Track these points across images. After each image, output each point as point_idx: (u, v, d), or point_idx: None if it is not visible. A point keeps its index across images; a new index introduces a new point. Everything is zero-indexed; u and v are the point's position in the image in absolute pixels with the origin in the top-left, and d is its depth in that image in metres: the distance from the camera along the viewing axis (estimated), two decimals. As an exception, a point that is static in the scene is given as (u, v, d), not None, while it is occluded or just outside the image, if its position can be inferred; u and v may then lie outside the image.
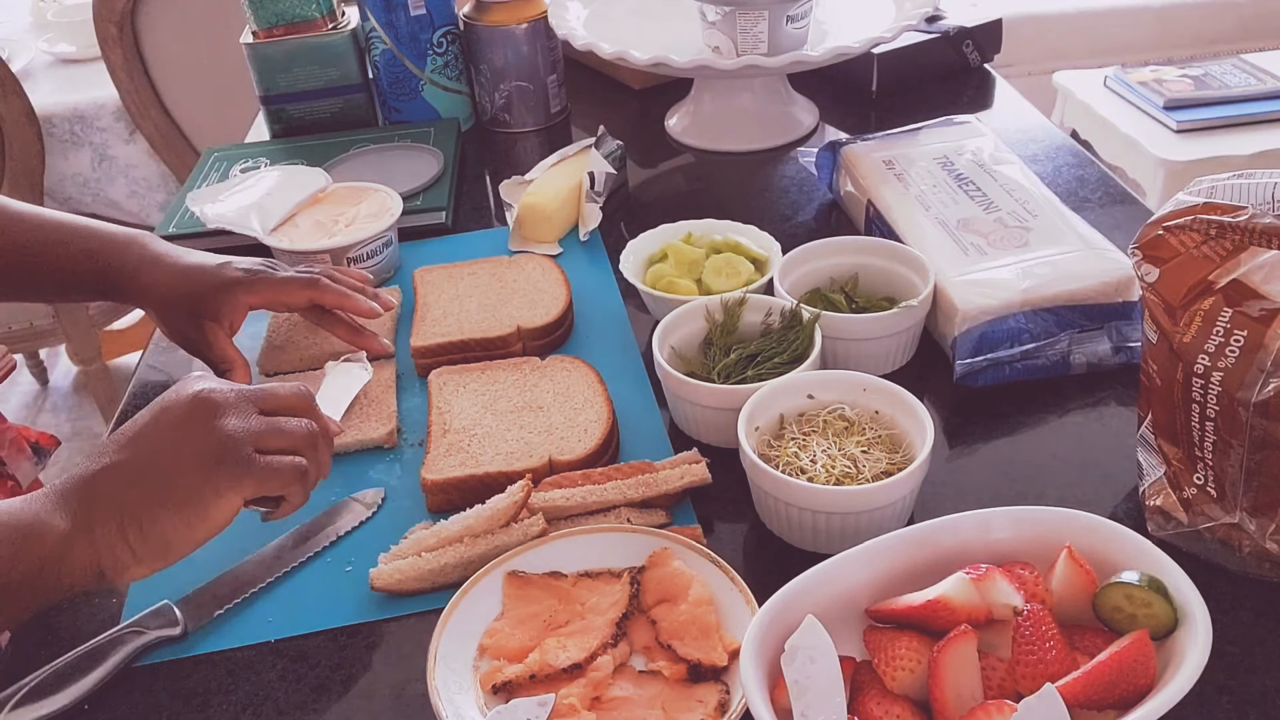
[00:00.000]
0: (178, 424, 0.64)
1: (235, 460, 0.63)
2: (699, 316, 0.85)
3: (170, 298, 0.86)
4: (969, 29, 1.34)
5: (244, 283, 0.85)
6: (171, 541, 0.62)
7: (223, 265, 0.87)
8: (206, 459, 0.63)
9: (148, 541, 0.61)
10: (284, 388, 0.69)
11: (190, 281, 0.86)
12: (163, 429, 0.64)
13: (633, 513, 0.73)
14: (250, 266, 0.87)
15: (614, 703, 0.62)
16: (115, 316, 2.35)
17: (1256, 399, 0.60)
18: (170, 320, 0.87)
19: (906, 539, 0.61)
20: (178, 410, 0.64)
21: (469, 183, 1.23)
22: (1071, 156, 1.16)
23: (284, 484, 0.65)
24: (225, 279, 0.85)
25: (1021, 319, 0.82)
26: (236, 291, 0.85)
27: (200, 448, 0.63)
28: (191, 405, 0.64)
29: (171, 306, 0.86)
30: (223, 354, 0.86)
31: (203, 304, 0.85)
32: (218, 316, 0.85)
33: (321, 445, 0.69)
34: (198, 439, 0.63)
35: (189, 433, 0.63)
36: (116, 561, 0.61)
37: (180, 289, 0.86)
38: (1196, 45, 2.67)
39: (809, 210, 1.11)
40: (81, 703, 0.65)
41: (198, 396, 0.65)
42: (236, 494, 0.64)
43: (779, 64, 1.09)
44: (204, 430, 0.64)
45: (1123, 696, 0.52)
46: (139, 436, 0.64)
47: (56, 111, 2.09)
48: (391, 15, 1.24)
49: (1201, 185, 0.63)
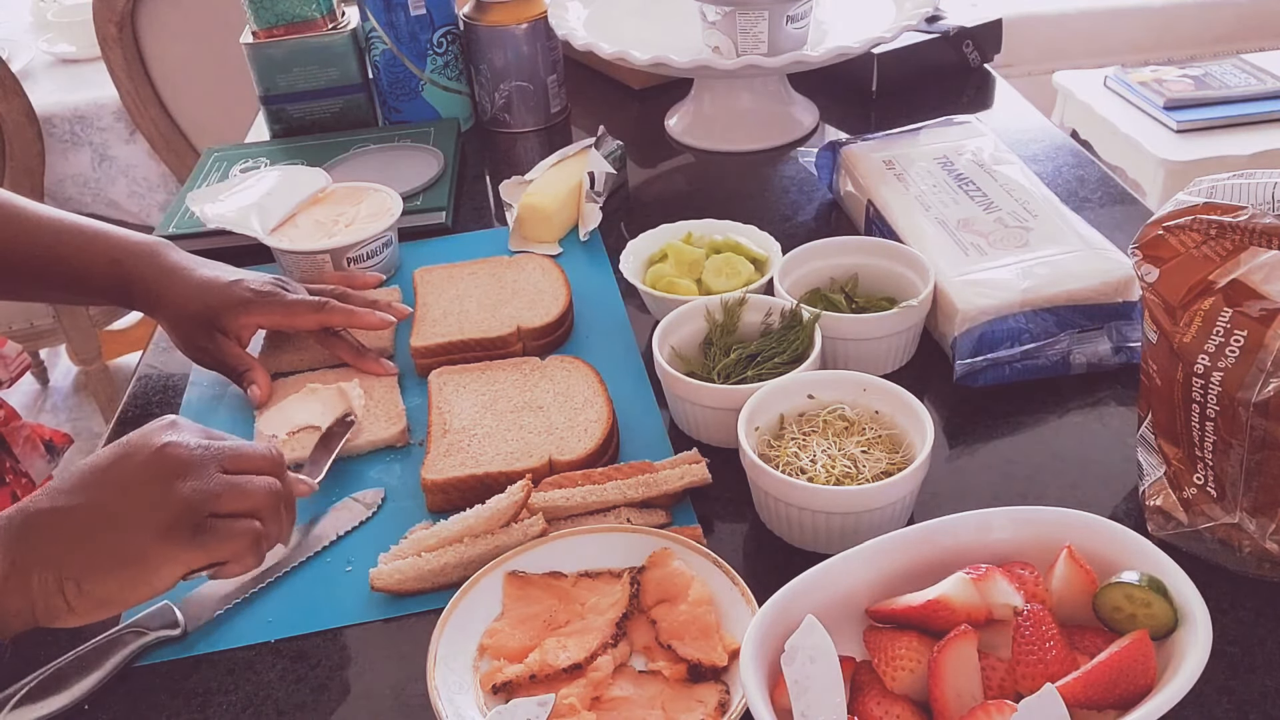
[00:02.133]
0: (136, 478, 0.61)
1: (188, 527, 0.61)
2: (699, 316, 0.85)
3: (183, 314, 0.87)
4: (969, 29, 1.34)
5: (253, 304, 0.86)
6: (109, 600, 0.61)
7: (234, 283, 0.87)
8: (159, 522, 0.60)
9: (84, 598, 0.60)
10: (255, 448, 0.66)
11: (202, 299, 0.86)
12: (120, 480, 0.62)
13: (633, 513, 0.73)
14: (260, 287, 0.87)
15: (614, 703, 0.62)
16: (115, 316, 2.35)
17: (1256, 399, 0.60)
18: (183, 333, 0.88)
19: (906, 539, 0.61)
20: (139, 462, 0.62)
21: (469, 183, 1.23)
22: (1071, 156, 1.16)
23: (235, 551, 0.63)
24: (236, 299, 0.86)
25: (1021, 319, 0.82)
26: (247, 311, 0.86)
27: (154, 508, 0.61)
28: (154, 460, 0.62)
29: (184, 321, 0.87)
30: (238, 360, 0.87)
31: (214, 320, 0.86)
32: (228, 333, 0.87)
33: (283, 509, 0.66)
34: (153, 498, 0.61)
35: (145, 490, 0.61)
36: (50, 610, 0.60)
37: (193, 306, 0.86)
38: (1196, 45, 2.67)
39: (809, 210, 1.11)
40: (81, 703, 0.65)
41: (163, 451, 0.62)
42: (184, 562, 0.62)
43: (779, 64, 1.09)
44: (162, 490, 0.61)
45: (1123, 696, 0.52)
46: (93, 483, 0.61)
47: (56, 111, 2.09)
48: (391, 15, 1.24)
49: (1201, 185, 0.63)
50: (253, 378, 0.87)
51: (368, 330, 0.90)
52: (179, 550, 0.61)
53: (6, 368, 1.00)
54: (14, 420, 0.98)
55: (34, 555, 0.59)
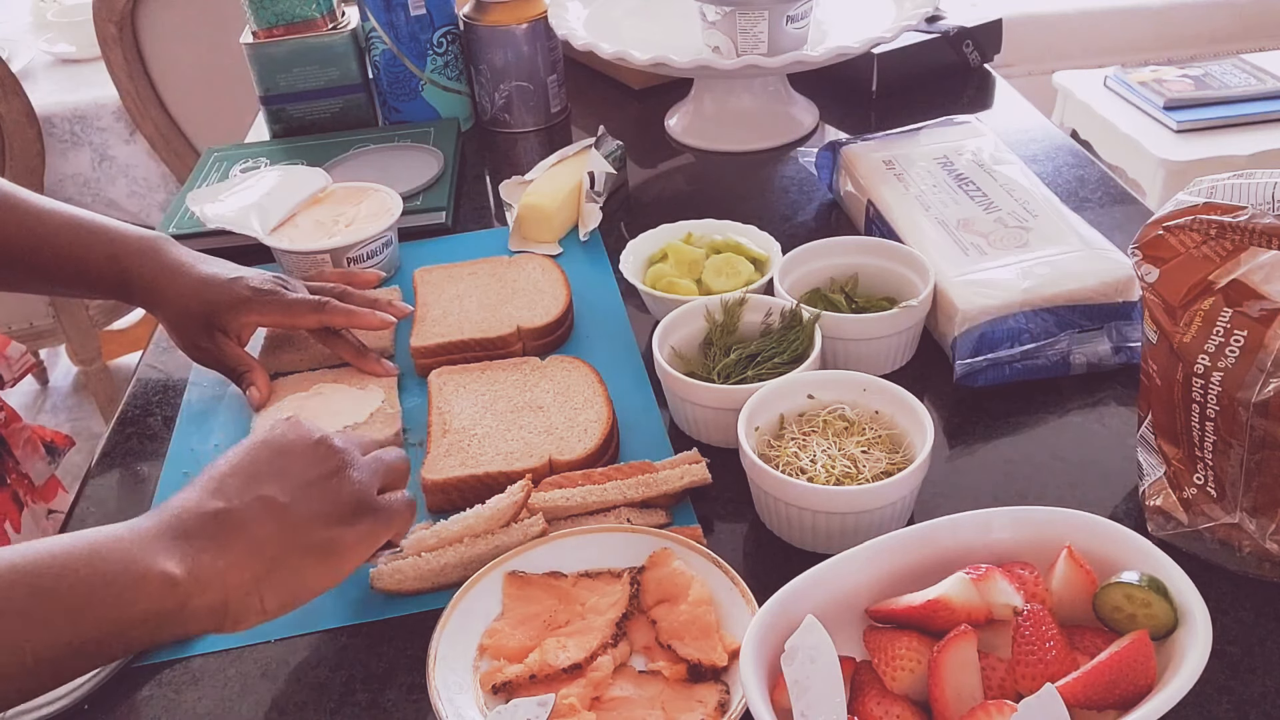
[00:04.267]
0: (308, 473, 0.62)
1: (366, 510, 0.63)
2: (699, 316, 0.85)
3: (182, 311, 0.87)
4: (969, 29, 1.34)
5: (253, 303, 0.86)
6: (304, 592, 0.61)
7: (234, 281, 0.87)
8: (342, 511, 0.62)
9: (280, 591, 0.60)
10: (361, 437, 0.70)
11: (202, 296, 0.86)
12: (292, 476, 0.62)
13: (633, 513, 0.73)
14: (260, 285, 0.87)
15: (614, 703, 0.62)
16: (115, 316, 2.35)
17: (1256, 399, 0.60)
18: (183, 331, 0.88)
19: (906, 539, 0.61)
20: (303, 456, 0.63)
21: (469, 183, 1.23)
22: (1071, 156, 1.16)
23: (405, 525, 0.66)
24: (236, 296, 0.86)
25: (1021, 319, 0.82)
26: (246, 310, 0.86)
27: (335, 499, 0.62)
28: (317, 452, 0.63)
29: (183, 318, 0.87)
30: (238, 359, 0.87)
31: (214, 318, 0.86)
32: (227, 331, 0.87)
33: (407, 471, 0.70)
34: (331, 489, 0.62)
35: (322, 483, 0.62)
36: (243, 609, 0.59)
37: (193, 303, 0.86)
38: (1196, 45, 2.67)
39: (809, 210, 1.11)
40: (81, 703, 0.65)
41: (322, 443, 0.64)
42: (369, 545, 0.64)
43: (779, 64, 1.09)
44: (337, 480, 0.63)
45: (1123, 696, 0.52)
46: (264, 479, 0.61)
47: (56, 111, 2.10)
48: (391, 15, 1.24)
49: (1201, 185, 0.63)
50: (252, 379, 0.87)
51: (367, 330, 0.90)
52: (369, 535, 0.63)
53: (10, 368, 1.00)
54: (15, 422, 0.98)
55: (220, 549, 0.58)
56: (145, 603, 0.55)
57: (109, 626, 0.55)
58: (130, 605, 0.55)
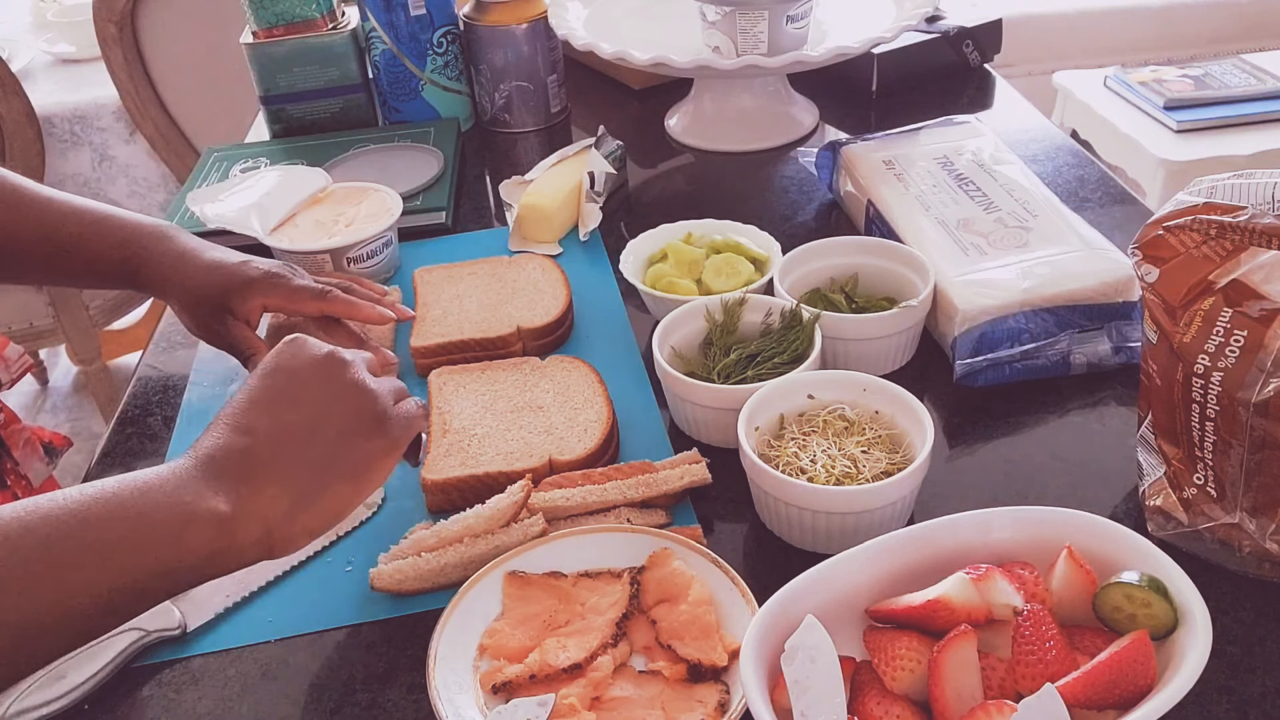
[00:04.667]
0: (326, 391, 0.63)
1: (390, 420, 0.65)
2: (699, 316, 0.85)
3: (194, 295, 0.87)
4: (969, 29, 1.34)
5: (260, 283, 0.86)
6: (341, 509, 0.63)
7: (243, 263, 0.87)
8: (365, 423, 0.63)
9: (318, 513, 0.61)
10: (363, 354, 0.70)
11: (212, 280, 0.87)
12: (311, 395, 0.63)
13: (633, 513, 0.73)
14: (267, 268, 0.87)
15: (614, 703, 0.62)
16: (115, 316, 2.35)
17: (1256, 399, 0.60)
18: (194, 315, 0.88)
19: (906, 539, 0.61)
20: (316, 373, 0.64)
21: (469, 183, 1.23)
22: (1071, 156, 1.16)
23: (419, 430, 0.68)
24: (244, 277, 0.86)
25: (1021, 319, 0.82)
26: (253, 291, 0.86)
27: (357, 412, 0.63)
28: (328, 367, 0.64)
29: (195, 302, 0.87)
30: (246, 342, 0.87)
31: (224, 299, 0.86)
32: (236, 313, 0.87)
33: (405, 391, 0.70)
34: (351, 403, 0.63)
35: (340, 397, 0.63)
36: (287, 535, 0.60)
37: (203, 287, 0.87)
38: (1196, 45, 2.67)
39: (809, 210, 1.11)
40: (81, 703, 0.65)
41: (331, 357, 0.64)
42: (397, 452, 0.65)
43: (779, 64, 1.09)
44: (354, 392, 0.64)
45: (1123, 696, 0.52)
46: (283, 402, 0.62)
47: (56, 111, 2.09)
48: (391, 15, 1.24)
49: (1201, 185, 0.63)
50: (257, 362, 0.87)
51: (367, 323, 0.90)
52: (392, 445, 0.65)
53: (8, 369, 1.00)
54: (14, 423, 0.98)
55: (261, 490, 0.59)
56: (197, 542, 0.56)
57: (159, 568, 0.56)
58: (183, 546, 0.56)
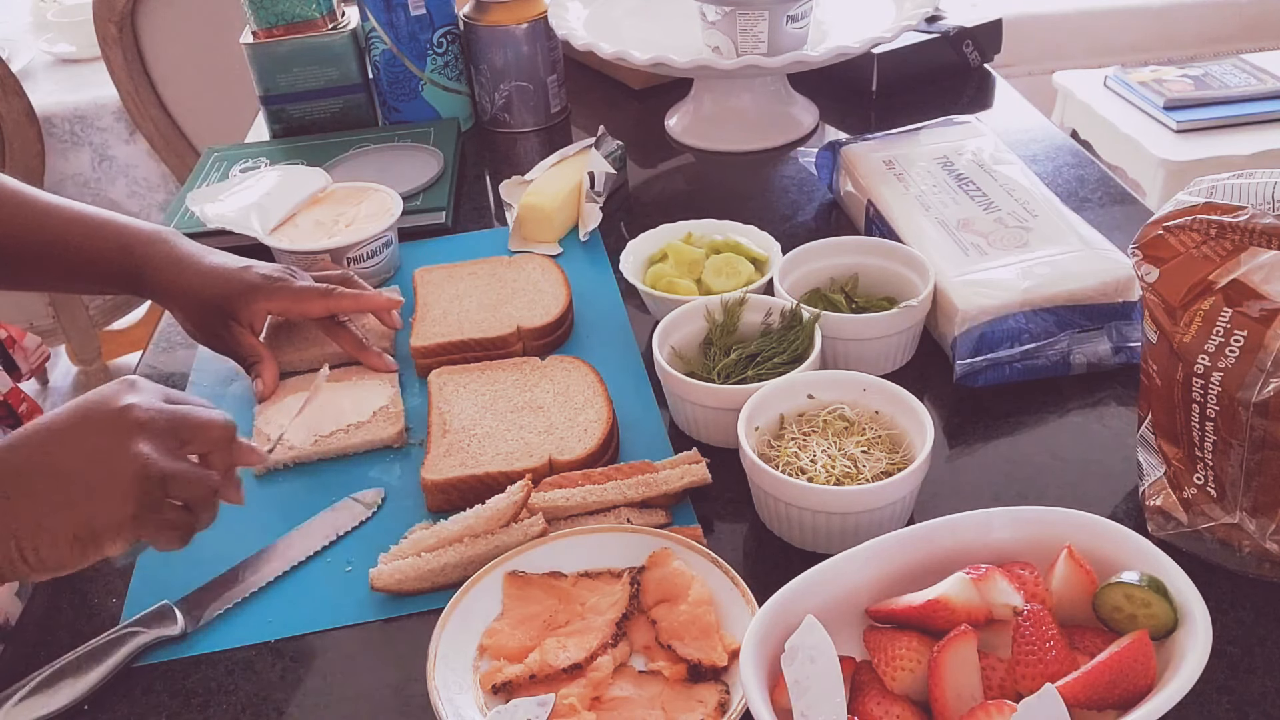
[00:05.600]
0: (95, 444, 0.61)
1: (139, 503, 0.61)
2: (699, 316, 0.85)
3: (196, 301, 0.87)
4: (969, 29, 1.34)
5: (263, 289, 0.86)
6: (62, 567, 0.61)
7: (244, 269, 0.87)
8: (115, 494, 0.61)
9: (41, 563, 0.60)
10: (211, 415, 0.66)
11: (213, 285, 0.86)
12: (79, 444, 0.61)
13: (633, 513, 0.73)
14: (270, 273, 0.87)
15: (614, 703, 0.62)
16: (115, 316, 2.35)
17: (1256, 399, 0.60)
18: (196, 320, 0.88)
19: (906, 539, 0.61)
20: (98, 424, 0.62)
21: (469, 183, 1.23)
22: (1071, 156, 1.16)
23: (169, 540, 0.64)
24: (246, 283, 0.86)
25: (1021, 319, 0.82)
26: (256, 297, 0.86)
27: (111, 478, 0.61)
28: (114, 422, 0.62)
29: (197, 309, 0.87)
30: (250, 350, 0.87)
31: (226, 305, 0.86)
32: (239, 319, 0.87)
33: (214, 502, 0.66)
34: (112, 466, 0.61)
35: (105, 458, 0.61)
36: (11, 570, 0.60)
37: (205, 293, 0.86)
38: (1196, 45, 2.67)
39: (809, 210, 1.11)
40: (81, 703, 0.65)
41: (125, 414, 0.62)
42: (127, 538, 0.62)
43: (779, 64, 1.09)
44: (125, 459, 0.61)
45: (1123, 696, 0.52)
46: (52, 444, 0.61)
47: (56, 111, 2.10)
48: (391, 15, 1.24)
49: (1201, 185, 0.63)
50: (260, 370, 0.87)
51: (374, 310, 0.90)
52: (127, 526, 0.61)
53: (26, 360, 1.00)
54: (36, 413, 0.98)
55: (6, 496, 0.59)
56: None
57: None
58: None
